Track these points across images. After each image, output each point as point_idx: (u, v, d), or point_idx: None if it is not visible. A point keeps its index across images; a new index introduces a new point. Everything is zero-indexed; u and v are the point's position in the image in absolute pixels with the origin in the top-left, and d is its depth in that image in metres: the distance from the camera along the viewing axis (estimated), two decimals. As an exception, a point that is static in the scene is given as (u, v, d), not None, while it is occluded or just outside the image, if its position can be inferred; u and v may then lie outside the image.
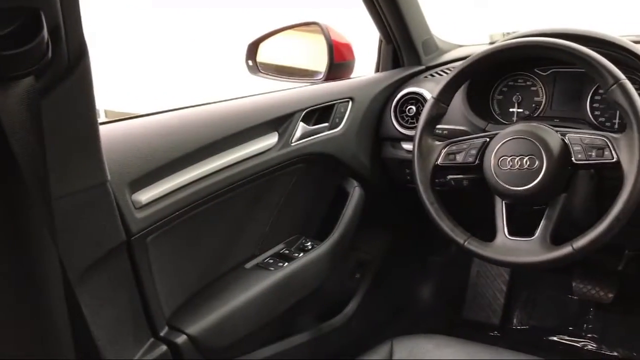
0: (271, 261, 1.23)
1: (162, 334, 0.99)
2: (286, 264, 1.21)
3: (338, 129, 1.36)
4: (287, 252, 1.28)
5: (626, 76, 1.02)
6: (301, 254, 1.26)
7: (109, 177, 0.81)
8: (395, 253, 1.72)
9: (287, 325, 1.34)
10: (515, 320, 1.94)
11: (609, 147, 1.01)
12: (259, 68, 1.52)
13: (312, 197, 1.38)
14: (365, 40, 1.62)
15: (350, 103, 1.39)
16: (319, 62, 1.46)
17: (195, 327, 1.01)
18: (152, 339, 0.97)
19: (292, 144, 1.23)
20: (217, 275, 1.15)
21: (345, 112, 1.37)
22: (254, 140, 1.14)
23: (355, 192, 1.38)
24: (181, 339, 0.99)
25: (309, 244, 1.30)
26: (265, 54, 1.52)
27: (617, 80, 1.00)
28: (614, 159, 1.00)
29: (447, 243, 1.89)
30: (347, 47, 1.50)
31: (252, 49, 1.52)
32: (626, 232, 1.01)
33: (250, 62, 1.52)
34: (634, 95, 0.99)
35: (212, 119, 1.11)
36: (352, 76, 1.52)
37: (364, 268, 1.62)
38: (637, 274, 1.77)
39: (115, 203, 0.85)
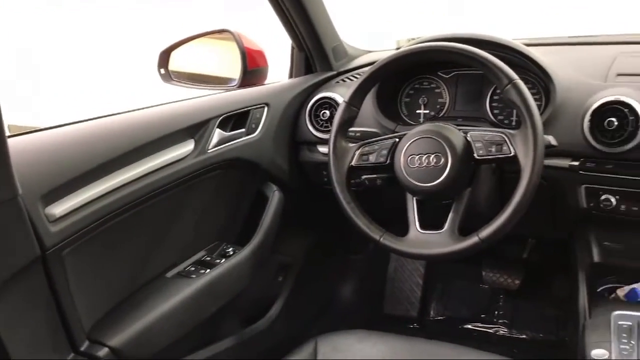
0: (193, 269, 1.23)
1: (82, 348, 0.97)
2: (208, 270, 1.22)
3: (255, 134, 1.38)
4: (208, 259, 1.28)
5: (520, 77, 1.10)
6: (223, 260, 1.26)
7: (20, 191, 0.79)
8: (316, 254, 1.76)
9: (212, 331, 1.35)
10: (432, 312, 2.04)
11: (506, 142, 1.09)
12: (172, 76, 1.51)
13: (231, 203, 1.39)
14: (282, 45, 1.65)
15: (266, 108, 1.41)
16: (233, 69, 1.47)
17: (118, 339, 1.00)
18: (72, 354, 0.95)
19: (209, 151, 1.23)
20: (138, 286, 1.13)
21: (261, 118, 1.39)
22: (170, 148, 1.14)
23: (274, 196, 1.41)
24: (103, 352, 0.98)
25: (230, 249, 1.31)
26: (177, 62, 1.51)
27: (511, 80, 1.08)
28: (512, 153, 1.08)
29: (366, 242, 1.96)
30: (260, 54, 1.52)
31: (164, 57, 1.50)
32: (528, 221, 1.09)
33: (162, 70, 1.51)
34: (527, 94, 1.08)
35: (126, 128, 1.09)
36: (265, 82, 1.55)
37: (286, 270, 1.65)
38: (540, 260, 1.90)
39: (28, 217, 0.83)
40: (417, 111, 1.49)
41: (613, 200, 1.21)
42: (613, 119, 1.15)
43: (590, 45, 1.46)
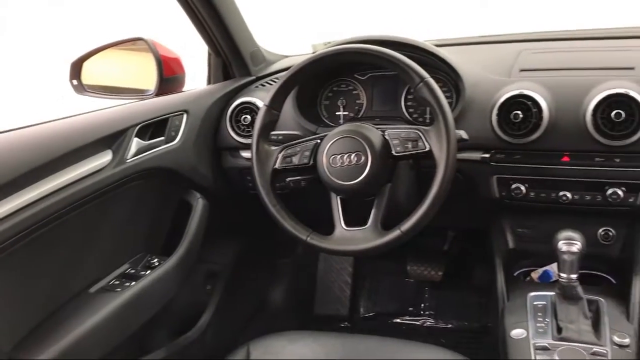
0: (117, 282, 1.20)
1: None
2: (133, 283, 1.19)
3: (174, 142, 1.36)
4: (132, 271, 1.25)
5: (431, 75, 1.15)
6: (148, 272, 1.24)
7: None
8: (245, 260, 1.76)
9: (141, 344, 1.31)
10: (362, 309, 2.08)
11: (421, 138, 1.13)
12: (85, 87, 1.46)
13: (154, 213, 1.36)
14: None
15: (185, 115, 1.40)
16: (149, 78, 1.45)
17: (41, 358, 0.96)
18: None
19: (128, 161, 1.21)
20: (61, 303, 1.09)
21: (180, 125, 1.38)
22: (87, 159, 1.11)
23: (198, 204, 1.39)
24: None
25: (155, 260, 1.29)
26: (90, 72, 1.46)
27: (422, 79, 1.13)
28: (427, 148, 1.12)
29: (294, 245, 1.98)
30: (176, 61, 1.50)
31: (76, 68, 1.45)
32: (446, 213, 1.14)
33: (74, 82, 1.46)
34: (438, 91, 1.12)
35: (41, 141, 1.05)
36: (184, 89, 1.53)
37: (215, 279, 1.63)
38: (461, 251, 1.99)
39: None
40: (337, 113, 1.53)
41: (523, 188, 1.29)
42: (518, 112, 1.22)
43: (495, 44, 1.54)
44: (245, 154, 1.48)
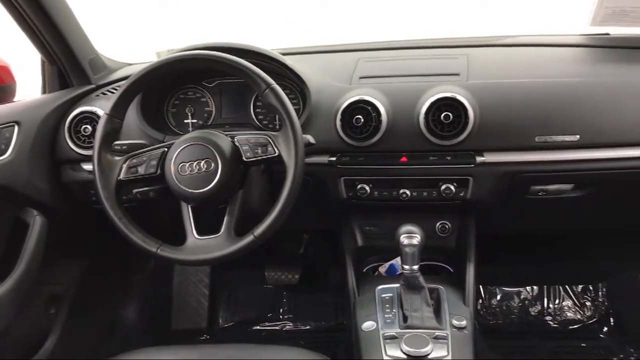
0: None
1: None
2: None
3: (5, 156, 1.25)
4: None
5: (278, 83, 1.18)
6: None
7: None
8: (93, 278, 1.66)
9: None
10: (221, 320, 2.06)
11: (270, 143, 1.15)
12: None
13: (-16, 235, 1.24)
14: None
15: (16, 127, 1.29)
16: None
17: None
18: None
19: None
20: None
21: (11, 138, 1.27)
22: None
23: (35, 222, 1.29)
24: None
25: None
26: None
27: (268, 85, 1.15)
28: (276, 153, 1.14)
29: (147, 259, 1.90)
30: (5, 70, 1.39)
31: None
32: (299, 216, 1.17)
33: None
34: (284, 97, 1.15)
35: None
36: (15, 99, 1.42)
37: (59, 301, 1.52)
38: (316, 254, 2.04)
39: None
40: (185, 121, 1.50)
41: (367, 188, 1.36)
42: (359, 117, 1.29)
43: (336, 52, 1.62)
44: (87, 166, 1.41)
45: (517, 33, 1.65)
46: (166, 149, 1.18)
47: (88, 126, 1.40)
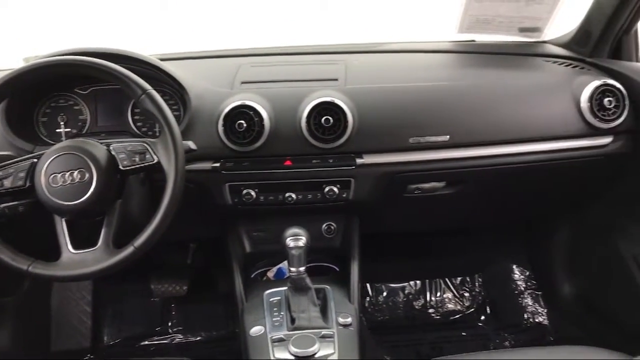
0: None
1: None
2: None
3: None
4: None
5: (157, 89, 1.15)
6: None
7: None
8: None
9: None
10: (106, 338, 1.96)
11: (149, 151, 1.12)
12: None
13: None
14: None
15: None
16: None
17: None
18: None
19: None
20: None
21: None
22: None
23: None
24: None
25: None
26: None
27: (144, 90, 1.12)
28: (155, 161, 1.12)
29: (20, 279, 1.77)
30: None
31: None
32: (183, 224, 1.14)
33: None
34: (161, 103, 1.13)
35: None
36: None
37: None
38: (203, 263, 2.01)
39: None
40: (58, 130, 1.42)
41: (253, 193, 1.36)
42: (242, 122, 1.29)
43: (218, 58, 1.61)
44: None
45: (392, 40, 1.74)
46: (35, 160, 1.11)
47: None
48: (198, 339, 1.97)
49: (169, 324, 2.00)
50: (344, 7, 2.16)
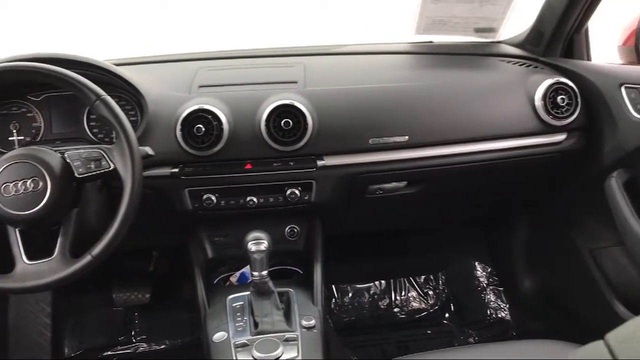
0: None
1: None
2: None
3: None
4: None
5: (113, 94, 1.13)
6: None
7: None
8: None
9: None
10: (67, 350, 1.91)
11: (105, 157, 1.10)
12: None
13: None
14: None
15: None
16: None
17: None
18: None
19: None
20: None
21: None
22: None
23: None
24: None
25: None
26: None
27: (98, 96, 1.10)
28: (111, 167, 1.10)
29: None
30: None
31: None
32: (142, 231, 1.12)
33: None
34: (116, 108, 1.11)
35: None
36: None
37: None
38: (166, 270, 1.98)
39: None
40: (10, 138, 1.38)
41: (213, 198, 1.34)
42: (200, 126, 1.28)
43: (175, 62, 1.58)
44: None
45: (350, 42, 1.74)
46: None
47: None
48: (162, 347, 1.94)
49: (132, 333, 1.96)
50: (303, 10, 2.17)
